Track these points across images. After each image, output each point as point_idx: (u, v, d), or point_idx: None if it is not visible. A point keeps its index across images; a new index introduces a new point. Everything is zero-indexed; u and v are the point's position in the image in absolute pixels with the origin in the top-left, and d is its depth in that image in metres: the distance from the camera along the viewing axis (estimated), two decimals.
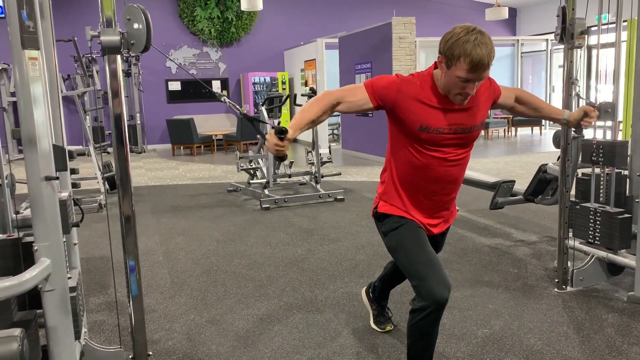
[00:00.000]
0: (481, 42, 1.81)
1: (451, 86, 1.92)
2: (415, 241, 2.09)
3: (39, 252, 1.72)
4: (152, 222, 5.53)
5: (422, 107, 1.98)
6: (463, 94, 1.92)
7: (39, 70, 1.66)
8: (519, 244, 4.35)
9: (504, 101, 2.25)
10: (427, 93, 1.98)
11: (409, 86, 1.99)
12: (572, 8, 3.07)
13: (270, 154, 2.10)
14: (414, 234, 2.11)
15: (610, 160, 3.21)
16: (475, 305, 3.16)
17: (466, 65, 1.82)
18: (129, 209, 2.18)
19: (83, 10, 11.98)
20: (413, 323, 2.04)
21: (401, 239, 2.12)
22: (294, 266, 3.97)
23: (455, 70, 1.86)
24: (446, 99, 1.98)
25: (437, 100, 1.98)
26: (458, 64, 1.84)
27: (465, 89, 1.90)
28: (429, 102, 1.98)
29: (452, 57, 1.84)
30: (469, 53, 1.81)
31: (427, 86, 1.99)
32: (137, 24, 2.02)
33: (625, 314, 2.96)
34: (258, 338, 2.83)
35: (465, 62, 1.82)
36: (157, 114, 12.95)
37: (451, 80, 1.90)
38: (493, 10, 12.25)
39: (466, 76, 1.85)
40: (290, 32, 13.60)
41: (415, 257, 2.05)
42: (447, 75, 1.90)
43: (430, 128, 1.98)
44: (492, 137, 12.99)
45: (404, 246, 2.10)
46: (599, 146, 3.26)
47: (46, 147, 1.70)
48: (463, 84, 1.88)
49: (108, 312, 3.24)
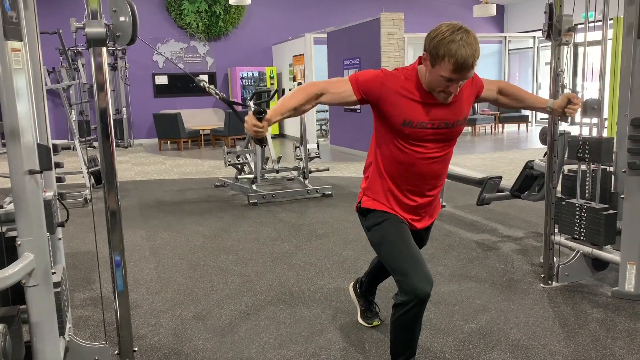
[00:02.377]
0: (466, 42, 1.81)
1: (435, 84, 1.92)
2: (398, 236, 2.09)
3: (23, 247, 1.70)
4: (139, 217, 5.48)
5: (405, 101, 1.98)
6: (446, 92, 1.93)
7: (22, 62, 1.63)
8: (506, 239, 4.38)
9: (487, 94, 2.25)
10: (411, 88, 1.98)
11: (393, 80, 1.99)
12: (560, 5, 3.08)
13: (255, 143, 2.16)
14: (397, 229, 2.11)
15: (596, 157, 3.23)
16: (462, 300, 3.18)
17: (450, 65, 1.82)
18: (114, 203, 2.15)
19: (69, 3, 11.82)
20: (396, 318, 2.06)
21: (384, 234, 2.12)
22: (282, 261, 3.96)
23: (439, 70, 1.86)
24: (430, 94, 1.99)
25: (421, 95, 1.98)
26: (442, 63, 1.83)
27: (448, 87, 1.90)
28: (413, 96, 1.98)
29: (437, 57, 1.84)
30: (453, 54, 1.80)
31: (411, 81, 1.99)
32: (123, 16, 1.99)
33: (610, 309, 2.99)
34: (245, 333, 2.82)
35: (450, 62, 1.81)
36: (144, 108, 12.84)
37: (435, 79, 1.90)
38: (481, 7, 12.30)
39: (450, 76, 1.85)
40: (279, 27, 13.54)
41: (397, 253, 2.06)
42: (431, 73, 1.91)
43: (414, 123, 1.98)
44: (479, 133, 13.07)
45: (386, 241, 2.11)
46: (585, 143, 3.28)
47: (29, 141, 1.67)
48: (447, 83, 1.89)
49: (93, 307, 3.21)
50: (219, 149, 11.40)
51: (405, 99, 1.98)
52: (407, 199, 2.15)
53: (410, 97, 1.98)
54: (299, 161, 6.72)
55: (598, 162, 3.27)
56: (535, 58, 13.97)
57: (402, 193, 2.14)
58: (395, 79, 2.00)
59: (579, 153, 3.30)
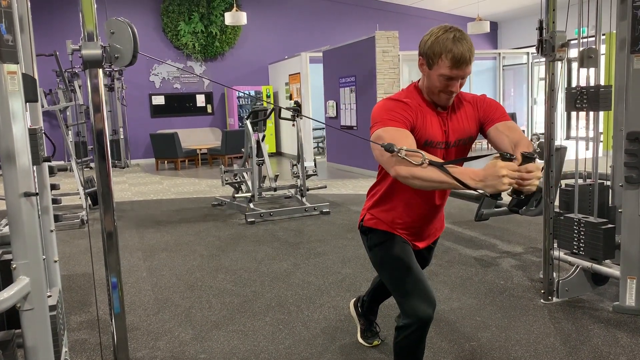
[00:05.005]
0: (460, 38, 1.81)
1: (435, 86, 1.88)
2: (400, 257, 2.04)
3: (18, 270, 1.68)
4: (136, 237, 5.45)
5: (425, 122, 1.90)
6: (447, 92, 1.88)
7: (18, 84, 1.63)
8: (505, 255, 4.37)
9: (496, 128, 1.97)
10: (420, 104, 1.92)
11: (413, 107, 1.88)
12: (553, 21, 3.11)
13: (491, 197, 1.66)
14: (400, 249, 2.06)
15: (594, 105, 3.15)
16: (462, 317, 3.15)
17: (448, 61, 1.80)
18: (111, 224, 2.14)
19: (66, 25, 11.91)
20: (398, 340, 2.02)
21: (386, 254, 2.07)
22: (280, 281, 3.93)
23: (438, 69, 1.83)
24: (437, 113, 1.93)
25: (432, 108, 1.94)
26: (440, 61, 1.81)
27: (449, 87, 1.86)
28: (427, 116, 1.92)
29: (434, 55, 1.82)
30: (450, 49, 1.79)
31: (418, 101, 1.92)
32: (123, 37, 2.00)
33: (611, 324, 2.97)
34: (244, 355, 2.78)
35: (447, 58, 1.80)
36: (141, 128, 12.86)
37: (435, 80, 1.86)
38: (475, 24, 12.43)
39: (449, 73, 1.82)
40: (275, 46, 13.64)
41: (399, 274, 2.01)
42: (429, 76, 1.88)
43: (431, 142, 1.92)
44: (476, 149, 13.10)
45: (388, 262, 2.06)
46: (582, 92, 3.22)
47: (25, 163, 1.67)
48: (447, 82, 1.85)
49: (90, 330, 3.17)
50: (216, 168, 11.39)
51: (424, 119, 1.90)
52: (411, 221, 2.09)
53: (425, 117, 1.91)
54: (297, 179, 6.72)
55: (596, 110, 3.19)
56: (529, 74, 14.08)
57: (407, 215, 2.07)
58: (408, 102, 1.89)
59: (577, 103, 3.21)
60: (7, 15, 1.60)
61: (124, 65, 2.05)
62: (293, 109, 6.59)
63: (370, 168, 9.34)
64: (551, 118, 3.23)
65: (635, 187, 2.99)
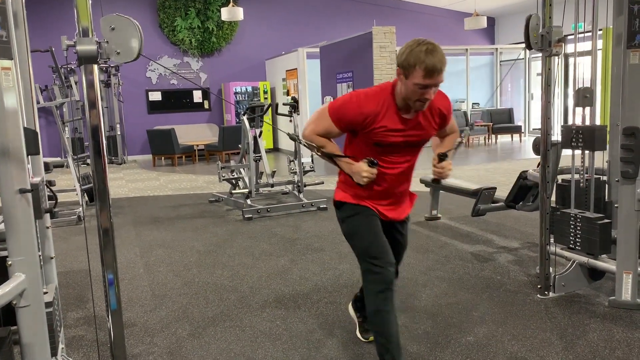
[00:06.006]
0: (433, 50, 2.00)
1: (411, 94, 2.08)
2: (368, 229, 2.30)
3: (13, 266, 1.68)
4: (133, 234, 5.45)
5: (381, 122, 2.16)
6: (422, 99, 2.08)
7: (12, 80, 1.63)
8: (501, 250, 4.38)
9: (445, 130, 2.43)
10: (387, 108, 2.16)
11: (369, 104, 2.15)
12: (549, 16, 3.11)
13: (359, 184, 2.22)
14: (368, 222, 2.31)
15: (589, 145, 3.19)
16: (459, 312, 3.16)
17: (422, 71, 2.00)
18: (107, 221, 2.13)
19: (61, 21, 11.86)
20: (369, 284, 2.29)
21: (356, 226, 2.32)
22: (277, 277, 3.93)
23: (412, 79, 2.03)
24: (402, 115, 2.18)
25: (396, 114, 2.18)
26: (414, 71, 2.01)
27: (424, 94, 2.06)
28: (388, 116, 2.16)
29: (409, 66, 2.02)
30: (423, 60, 1.99)
31: (387, 102, 2.17)
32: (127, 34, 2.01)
33: (607, 319, 2.98)
34: (241, 350, 2.79)
35: (421, 68, 2.00)
36: (138, 124, 12.83)
37: (410, 89, 2.07)
38: (472, 19, 12.42)
39: (423, 82, 2.02)
40: (272, 42, 13.62)
41: (365, 243, 2.28)
42: (405, 85, 2.08)
43: (385, 142, 2.19)
44: (473, 144, 13.12)
45: (357, 233, 2.32)
46: (578, 131, 3.26)
47: (20, 159, 1.66)
48: (421, 91, 2.05)
49: (87, 327, 3.17)
50: (213, 164, 11.39)
51: (379, 122, 2.15)
52: (380, 202, 2.35)
53: (384, 119, 2.16)
54: (294, 175, 6.71)
55: (592, 150, 3.23)
56: (526, 69, 14.09)
57: (376, 196, 2.34)
58: (368, 105, 2.15)
59: (573, 142, 3.27)
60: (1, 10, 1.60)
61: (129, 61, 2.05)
62: (290, 105, 6.59)
63: None
64: (547, 113, 3.23)
65: (632, 182, 3.00)
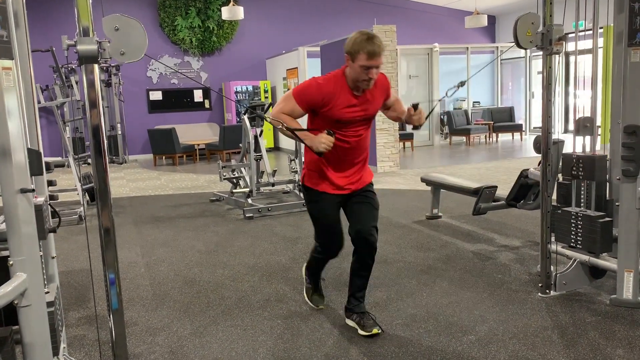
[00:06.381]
0: (372, 38, 2.54)
1: (358, 75, 2.59)
2: (324, 217, 2.88)
3: (15, 266, 1.68)
4: (134, 233, 5.45)
5: (337, 105, 2.63)
6: (367, 78, 2.59)
7: (12, 80, 1.63)
8: (503, 249, 4.38)
9: (389, 102, 2.93)
10: (341, 88, 2.65)
11: (327, 86, 2.64)
12: (550, 15, 3.11)
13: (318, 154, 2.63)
14: (325, 212, 2.87)
15: (590, 174, 3.25)
16: (460, 311, 3.16)
17: (365, 55, 2.52)
18: (108, 220, 2.14)
19: (62, 20, 11.86)
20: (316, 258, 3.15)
21: (315, 212, 2.90)
22: (278, 276, 3.94)
23: (358, 62, 2.55)
24: (354, 93, 2.66)
25: (349, 93, 2.66)
26: (359, 56, 2.54)
27: (368, 74, 2.57)
28: (343, 95, 2.64)
29: (354, 52, 2.55)
30: (365, 46, 2.52)
31: (340, 83, 2.66)
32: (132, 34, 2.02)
33: (609, 317, 2.98)
34: (242, 349, 2.79)
35: (364, 52, 2.52)
36: (139, 124, 12.83)
37: (357, 71, 2.58)
38: (472, 17, 12.40)
39: (366, 64, 2.53)
40: (272, 41, 13.61)
41: (319, 232, 2.96)
42: (353, 68, 2.60)
43: (343, 121, 2.66)
44: (474, 143, 13.11)
45: (316, 219, 2.92)
46: (578, 160, 3.29)
47: (21, 159, 1.66)
48: (366, 71, 2.56)
49: (88, 326, 3.17)
50: (214, 163, 11.39)
51: (337, 102, 2.63)
52: (339, 174, 2.79)
53: (339, 100, 2.63)
54: (294, 174, 6.71)
55: (592, 180, 3.27)
56: (527, 67, 14.08)
57: (335, 169, 2.78)
58: (327, 88, 2.64)
59: (573, 170, 3.31)
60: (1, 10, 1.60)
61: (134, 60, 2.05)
62: None
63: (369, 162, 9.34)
64: (548, 111, 3.23)
65: (633, 180, 2.99)
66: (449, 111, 13.39)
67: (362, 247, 2.84)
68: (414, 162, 10.39)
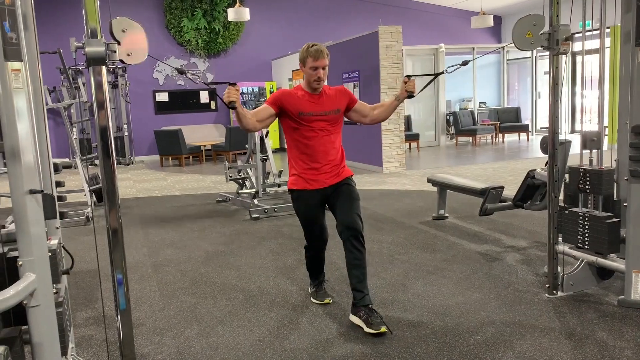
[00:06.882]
0: (315, 44, 2.99)
1: (309, 76, 3.02)
2: (306, 212, 3.17)
3: (24, 267, 1.69)
4: (141, 234, 5.47)
5: (298, 100, 3.05)
6: (317, 78, 3.00)
7: (22, 82, 1.64)
8: (509, 249, 4.36)
9: (359, 107, 3.26)
10: (300, 93, 3.08)
11: (289, 92, 3.09)
12: (557, 15, 3.10)
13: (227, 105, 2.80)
14: (305, 210, 3.17)
15: (597, 189, 3.24)
16: (467, 312, 3.15)
17: (311, 58, 2.96)
18: (115, 221, 2.15)
19: (69, 22, 11.93)
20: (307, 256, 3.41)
21: (298, 210, 3.20)
22: (284, 276, 3.94)
23: (307, 64, 2.98)
24: (312, 96, 3.07)
25: (306, 96, 3.08)
26: (307, 60, 2.98)
27: (317, 74, 2.98)
28: (302, 97, 3.06)
29: (304, 58, 2.99)
30: (310, 51, 2.97)
31: (299, 90, 3.10)
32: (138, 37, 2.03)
33: (616, 318, 2.97)
34: (249, 349, 2.80)
35: (310, 56, 2.96)
36: (145, 125, 12.89)
37: (308, 73, 3.01)
38: (478, 18, 12.38)
39: (313, 64, 2.96)
40: (278, 42, 13.64)
41: (306, 224, 3.22)
42: (305, 72, 3.04)
43: (304, 113, 3.04)
44: (480, 143, 13.08)
45: (300, 214, 3.21)
46: (585, 174, 3.28)
47: (30, 161, 1.67)
48: (315, 72, 2.98)
49: (96, 326, 3.19)
50: (220, 164, 11.42)
51: (298, 99, 3.05)
52: (313, 167, 3.09)
53: (300, 98, 3.05)
54: None
55: (599, 194, 3.26)
56: (533, 67, 14.03)
57: (309, 163, 3.09)
58: (290, 91, 3.10)
59: (580, 184, 3.30)
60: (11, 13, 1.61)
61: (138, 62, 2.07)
62: None
63: (374, 163, 9.33)
64: (555, 112, 3.22)
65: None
66: (455, 112, 13.37)
67: (348, 235, 2.99)
68: (420, 162, 10.37)
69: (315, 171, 3.10)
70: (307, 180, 3.10)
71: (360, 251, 3.00)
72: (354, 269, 3.01)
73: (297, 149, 3.11)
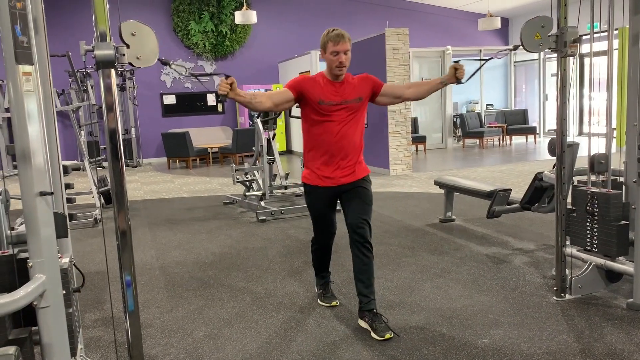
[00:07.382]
0: (335, 29, 2.89)
1: (330, 62, 2.91)
2: (317, 207, 3.15)
3: (34, 268, 1.70)
4: (148, 236, 5.50)
5: (319, 88, 2.95)
6: (339, 64, 2.89)
7: (33, 85, 1.66)
8: (517, 252, 4.35)
9: (388, 90, 3.13)
10: (322, 78, 2.99)
11: (311, 78, 3.00)
12: (565, 17, 3.09)
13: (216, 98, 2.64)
14: (316, 205, 3.15)
15: (605, 211, 3.20)
16: (474, 314, 3.15)
17: (331, 42, 2.87)
18: (124, 223, 2.16)
19: (78, 26, 12.01)
20: (312, 250, 3.40)
21: (310, 203, 3.17)
22: (292, 278, 3.95)
23: (328, 49, 2.89)
24: (333, 83, 2.97)
25: (329, 81, 2.98)
26: (328, 44, 2.88)
27: (339, 59, 2.88)
28: (323, 85, 2.96)
29: (324, 44, 2.90)
30: (330, 35, 2.88)
31: (321, 76, 3.00)
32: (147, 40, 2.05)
33: (625, 321, 2.95)
34: (256, 352, 2.80)
35: (330, 40, 2.87)
36: (153, 127, 12.94)
37: (329, 59, 2.91)
38: (485, 20, 12.35)
39: (334, 48, 2.87)
40: (284, 45, 13.66)
41: (315, 218, 3.21)
42: (327, 58, 2.93)
43: (325, 101, 2.94)
44: (487, 145, 13.04)
45: (311, 208, 3.19)
46: (593, 197, 3.26)
47: (40, 163, 1.69)
48: (336, 57, 2.88)
49: (104, 328, 3.21)
50: (227, 166, 11.45)
51: (319, 86, 2.95)
52: (327, 162, 3.00)
53: (322, 86, 2.96)
54: None
55: (607, 218, 3.22)
56: (541, 69, 13.98)
57: (323, 158, 3.01)
58: (312, 77, 3.01)
59: (588, 207, 3.28)
60: (22, 17, 1.63)
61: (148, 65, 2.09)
62: None
63: (381, 166, 9.33)
64: (563, 114, 3.21)
65: None
66: (462, 114, 13.34)
67: (354, 239, 3.00)
68: (427, 165, 10.36)
69: (329, 167, 3.01)
70: (320, 177, 3.03)
71: (368, 257, 2.99)
72: (360, 274, 3.01)
73: (313, 140, 3.02)
